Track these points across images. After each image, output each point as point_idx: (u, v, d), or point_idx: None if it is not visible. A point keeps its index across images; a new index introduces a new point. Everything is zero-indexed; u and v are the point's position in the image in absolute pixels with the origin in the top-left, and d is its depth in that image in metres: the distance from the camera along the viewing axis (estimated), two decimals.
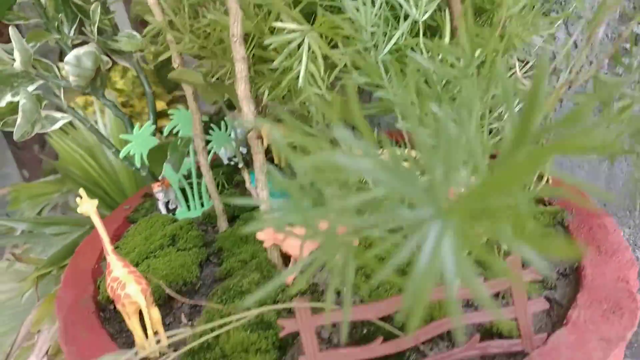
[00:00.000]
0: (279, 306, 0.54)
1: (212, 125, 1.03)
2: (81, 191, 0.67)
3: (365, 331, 0.57)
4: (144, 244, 0.89)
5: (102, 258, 0.95)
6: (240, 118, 1.04)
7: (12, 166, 2.88)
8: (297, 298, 0.50)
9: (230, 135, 1.05)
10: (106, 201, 1.91)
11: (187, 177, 1.02)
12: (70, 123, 2.05)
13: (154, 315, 0.67)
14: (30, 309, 1.46)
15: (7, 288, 1.75)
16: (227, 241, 0.85)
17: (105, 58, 0.97)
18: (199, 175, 1.03)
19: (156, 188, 1.01)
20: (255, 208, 0.96)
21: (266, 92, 0.68)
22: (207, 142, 0.97)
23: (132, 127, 1.03)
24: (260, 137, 0.62)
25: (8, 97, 0.93)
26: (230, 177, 1.12)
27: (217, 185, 1.10)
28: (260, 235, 0.61)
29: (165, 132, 0.98)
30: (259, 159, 0.60)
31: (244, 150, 1.20)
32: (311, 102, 0.66)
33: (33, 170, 2.75)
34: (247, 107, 0.57)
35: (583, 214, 0.75)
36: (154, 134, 0.97)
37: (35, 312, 1.39)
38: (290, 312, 0.60)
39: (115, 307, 0.79)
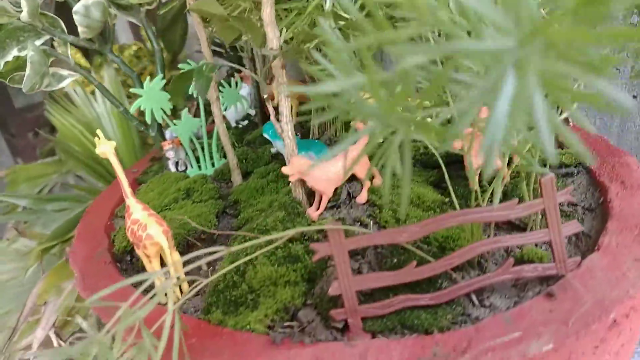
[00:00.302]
0: (311, 227, 0.53)
1: (222, 82, 1.01)
2: (98, 132, 0.66)
3: (395, 261, 0.56)
4: (157, 198, 0.88)
5: (114, 215, 0.93)
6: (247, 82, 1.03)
7: (6, 154, 2.85)
8: (330, 221, 0.49)
9: (239, 93, 1.03)
10: (107, 178, 1.89)
11: (197, 138, 1.01)
12: (70, 100, 2.02)
13: (174, 257, 0.66)
14: (32, 288, 1.44)
15: (9, 268, 1.72)
16: (242, 194, 0.84)
17: (112, 11, 0.95)
18: (210, 135, 1.01)
19: (167, 146, 1.00)
20: (269, 163, 0.95)
21: (283, 32, 0.66)
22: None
23: (141, 84, 1.01)
24: (284, 67, 0.61)
25: (14, 52, 0.91)
26: (240, 137, 1.11)
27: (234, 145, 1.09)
28: (285, 170, 0.60)
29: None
30: (283, 89, 0.58)
31: (252, 111, 1.18)
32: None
33: (27, 159, 2.72)
34: (272, 33, 0.56)
35: (604, 155, 0.75)
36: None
37: (40, 284, 1.38)
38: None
39: (131, 259, 0.78)
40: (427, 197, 0.65)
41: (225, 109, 1.02)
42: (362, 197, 0.63)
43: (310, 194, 0.65)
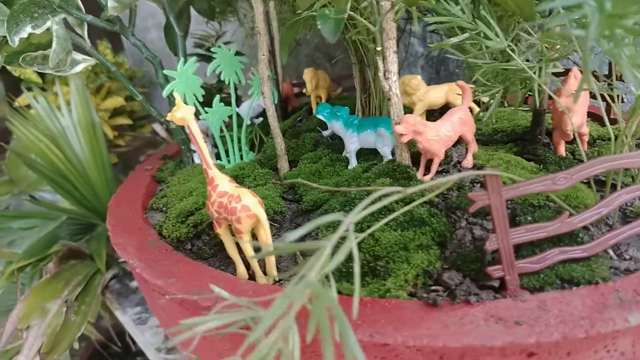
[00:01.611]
0: (467, 173, 0.49)
1: (253, 70, 0.95)
2: (176, 94, 0.58)
3: (530, 218, 0.53)
4: (202, 186, 0.80)
5: (146, 208, 0.84)
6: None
7: None
8: (487, 167, 0.45)
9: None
10: (73, 194, 1.74)
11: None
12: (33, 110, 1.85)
13: (268, 230, 0.59)
14: (8, 311, 1.27)
15: None
16: (298, 178, 0.78)
17: None
18: (239, 124, 0.95)
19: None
20: (312, 150, 0.89)
21: None
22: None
23: (163, 69, 0.93)
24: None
25: (28, 29, 0.81)
26: (264, 132, 1.05)
27: (256, 137, 1.03)
28: (400, 128, 0.55)
29: (209, 72, 0.90)
30: (390, 44, 0.54)
31: (257, 120, 1.12)
32: None
33: None
34: None
35: None
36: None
37: (21, 306, 1.22)
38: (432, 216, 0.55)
39: (191, 247, 0.69)
40: (523, 163, 0.64)
41: (255, 99, 0.96)
42: (469, 160, 0.60)
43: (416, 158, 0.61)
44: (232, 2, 1.23)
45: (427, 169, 0.61)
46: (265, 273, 0.60)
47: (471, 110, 0.92)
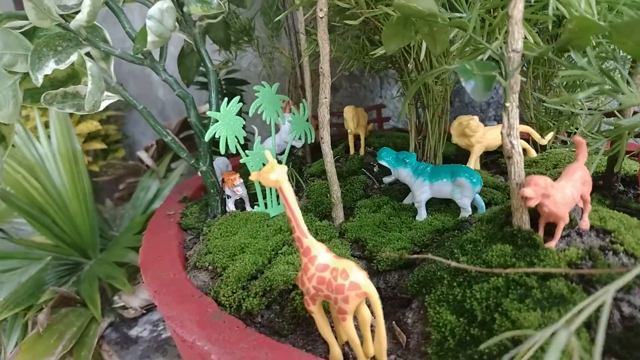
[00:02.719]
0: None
1: (292, 107, 0.88)
2: (267, 153, 0.50)
3: None
4: (254, 242, 0.71)
5: (186, 266, 0.75)
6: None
7: None
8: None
9: (307, 120, 0.90)
10: (54, 230, 1.59)
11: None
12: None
13: (368, 313, 0.52)
14: None
15: None
16: (361, 232, 0.71)
17: None
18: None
19: (237, 181, 0.83)
20: (364, 197, 0.83)
21: None
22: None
23: (195, 108, 0.85)
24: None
25: (51, 64, 0.71)
26: (299, 171, 0.97)
27: (291, 178, 0.95)
28: (528, 192, 0.49)
29: (251, 112, 0.82)
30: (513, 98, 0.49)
31: (297, 143, 1.04)
32: None
33: None
34: (518, 33, 0.46)
35: None
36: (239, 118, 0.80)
37: None
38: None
39: (261, 318, 0.61)
40: (632, 222, 0.59)
41: (294, 138, 0.89)
42: (586, 222, 0.55)
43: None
44: (250, 32, 1.15)
45: (546, 232, 0.55)
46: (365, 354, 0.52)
47: (526, 151, 0.88)
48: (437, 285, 0.54)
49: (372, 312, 0.50)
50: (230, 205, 0.87)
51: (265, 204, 0.86)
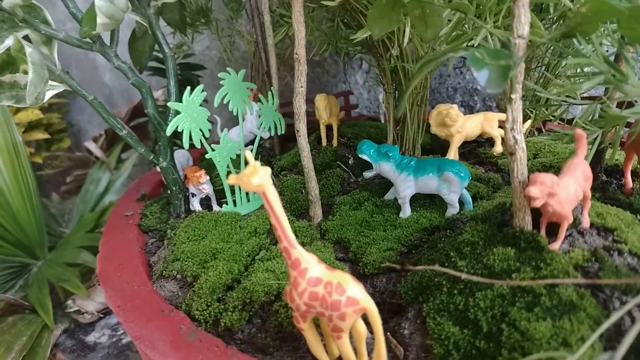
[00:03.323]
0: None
1: (260, 96, 0.81)
2: (248, 154, 0.44)
3: None
4: (226, 246, 0.65)
5: (150, 274, 0.68)
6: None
7: None
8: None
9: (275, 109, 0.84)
10: (6, 238, 1.46)
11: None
12: None
13: (363, 327, 0.47)
14: None
15: None
16: (343, 231, 0.67)
17: None
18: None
19: (203, 178, 0.76)
20: (348, 192, 0.78)
21: None
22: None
23: (152, 98, 0.77)
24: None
25: None
26: (268, 164, 0.91)
27: None
28: (533, 191, 0.45)
29: (216, 101, 0.75)
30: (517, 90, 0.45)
31: (265, 134, 0.98)
32: None
33: None
34: (524, 17, 0.42)
35: None
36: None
37: None
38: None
39: (242, 334, 0.55)
40: (626, 217, 0.57)
41: (264, 130, 0.82)
42: (586, 220, 0.52)
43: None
44: (207, 13, 1.07)
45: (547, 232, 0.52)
46: None
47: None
48: (436, 293, 0.50)
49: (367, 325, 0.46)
50: (196, 205, 0.80)
51: (234, 201, 0.80)
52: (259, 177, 0.43)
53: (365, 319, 0.45)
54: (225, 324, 0.54)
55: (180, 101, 0.71)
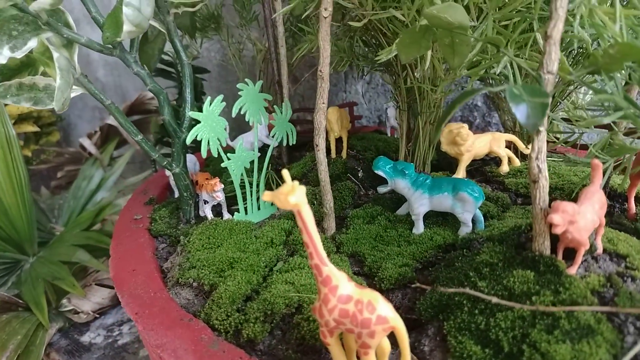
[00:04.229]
0: None
1: (275, 108, 0.82)
2: (285, 173, 0.45)
3: None
4: (244, 256, 0.66)
5: (165, 281, 0.68)
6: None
7: None
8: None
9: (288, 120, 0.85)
10: None
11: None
12: None
13: (388, 344, 0.49)
14: None
15: None
16: (358, 245, 0.68)
17: None
18: (259, 168, 0.82)
19: (217, 187, 0.77)
20: (360, 205, 0.79)
21: None
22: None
23: (169, 104, 0.77)
24: None
25: (5, 52, 0.62)
26: (276, 173, 0.92)
27: (272, 182, 0.90)
28: (556, 219, 0.48)
29: (234, 112, 0.76)
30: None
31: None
32: None
33: None
34: (555, 54, 0.44)
35: None
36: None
37: None
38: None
39: (263, 345, 0.56)
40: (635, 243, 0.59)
41: (277, 140, 0.83)
42: (600, 246, 0.55)
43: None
44: (218, 19, 1.07)
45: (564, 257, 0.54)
46: None
47: (511, 160, 0.88)
48: (457, 312, 0.52)
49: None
50: (207, 212, 0.81)
51: (246, 209, 0.81)
52: (296, 196, 0.45)
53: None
54: (248, 335, 0.55)
55: (198, 109, 0.72)
